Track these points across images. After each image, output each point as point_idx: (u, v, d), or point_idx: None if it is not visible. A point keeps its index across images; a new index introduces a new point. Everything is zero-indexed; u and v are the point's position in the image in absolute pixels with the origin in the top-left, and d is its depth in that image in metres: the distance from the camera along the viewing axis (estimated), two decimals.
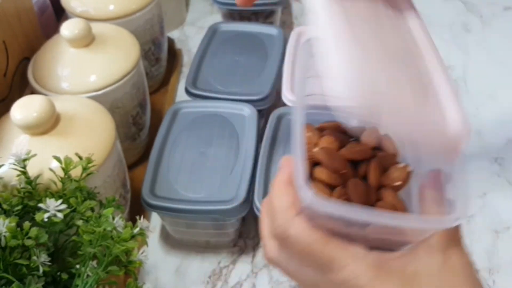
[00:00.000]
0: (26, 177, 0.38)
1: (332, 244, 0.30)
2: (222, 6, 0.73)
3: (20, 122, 0.40)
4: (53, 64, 0.51)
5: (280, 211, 0.31)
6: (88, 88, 0.50)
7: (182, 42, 0.81)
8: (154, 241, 0.55)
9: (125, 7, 0.59)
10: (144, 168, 0.51)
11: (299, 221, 0.30)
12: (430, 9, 0.83)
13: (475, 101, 0.68)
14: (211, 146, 0.52)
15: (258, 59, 0.63)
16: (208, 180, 0.49)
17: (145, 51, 0.65)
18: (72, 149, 0.40)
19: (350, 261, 0.29)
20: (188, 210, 0.47)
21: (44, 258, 0.33)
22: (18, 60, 0.54)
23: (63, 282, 0.36)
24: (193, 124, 0.54)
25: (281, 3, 0.72)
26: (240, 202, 0.46)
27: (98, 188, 0.43)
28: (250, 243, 0.54)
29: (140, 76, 0.55)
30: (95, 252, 0.34)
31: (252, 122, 0.53)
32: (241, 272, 0.52)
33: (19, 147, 0.41)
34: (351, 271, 0.29)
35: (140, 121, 0.58)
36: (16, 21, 0.54)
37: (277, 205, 0.31)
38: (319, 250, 0.30)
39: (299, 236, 0.30)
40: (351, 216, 0.27)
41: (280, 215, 0.31)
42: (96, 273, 0.34)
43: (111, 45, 0.53)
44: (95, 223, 0.35)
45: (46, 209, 0.34)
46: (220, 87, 0.59)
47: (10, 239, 0.32)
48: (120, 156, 0.48)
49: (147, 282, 0.51)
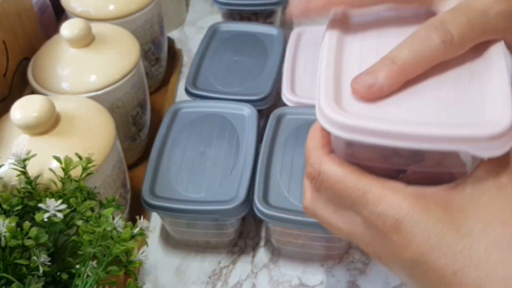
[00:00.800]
0: (26, 177, 0.38)
1: (367, 178, 0.28)
2: (222, 6, 0.73)
3: (20, 122, 0.40)
4: (53, 64, 0.51)
5: (313, 151, 0.30)
6: (88, 88, 0.50)
7: (182, 42, 0.81)
8: (154, 241, 0.55)
9: (125, 7, 0.59)
10: (144, 168, 0.51)
11: (332, 157, 0.30)
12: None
13: None
14: (211, 146, 0.52)
15: (258, 59, 0.63)
16: (208, 180, 0.49)
17: (145, 51, 0.65)
18: (72, 149, 0.40)
19: (387, 192, 0.28)
20: (188, 210, 0.47)
21: (44, 258, 0.33)
22: (18, 60, 0.54)
23: (63, 282, 0.36)
24: (193, 124, 0.54)
25: (281, 3, 0.72)
26: (240, 202, 0.46)
27: (98, 188, 0.43)
28: (250, 243, 0.54)
29: (140, 76, 0.55)
30: (95, 252, 0.34)
31: (252, 122, 0.53)
32: (241, 272, 0.52)
33: (19, 147, 0.41)
34: (389, 203, 0.27)
35: (140, 121, 0.58)
36: (16, 21, 0.54)
37: (310, 147, 0.31)
38: (353, 184, 0.28)
39: (332, 171, 0.29)
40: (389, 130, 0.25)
41: (313, 154, 0.30)
42: (96, 273, 0.34)
43: (111, 45, 0.53)
44: (95, 223, 0.35)
45: (46, 209, 0.34)
46: (220, 87, 0.59)
47: (10, 239, 0.32)
48: (120, 156, 0.48)
49: (147, 282, 0.51)
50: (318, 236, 0.47)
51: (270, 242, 0.53)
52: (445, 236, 0.27)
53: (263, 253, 0.53)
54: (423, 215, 0.27)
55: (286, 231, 0.48)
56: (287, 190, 0.47)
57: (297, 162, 0.49)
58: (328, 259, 0.52)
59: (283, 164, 0.49)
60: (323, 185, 0.30)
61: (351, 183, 0.29)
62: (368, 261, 0.52)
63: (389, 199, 0.27)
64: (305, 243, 0.49)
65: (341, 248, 0.51)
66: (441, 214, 0.27)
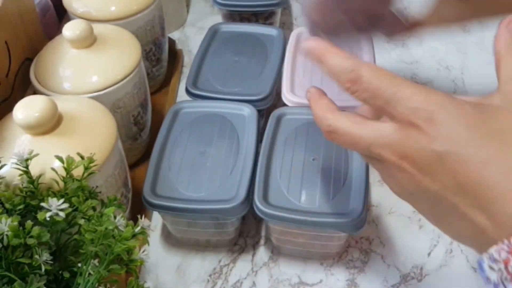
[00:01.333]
0: (28, 176, 0.38)
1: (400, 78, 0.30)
2: (222, 7, 0.73)
3: (22, 122, 0.41)
4: (55, 64, 0.51)
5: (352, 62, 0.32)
6: (90, 88, 0.50)
7: (182, 42, 0.81)
8: (155, 240, 0.55)
9: (126, 8, 0.60)
10: (145, 167, 0.51)
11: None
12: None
13: None
14: (212, 146, 0.52)
15: (258, 60, 0.63)
16: (208, 179, 0.49)
17: (146, 51, 0.65)
18: (74, 149, 0.41)
19: (421, 89, 0.29)
20: (189, 209, 0.47)
21: (46, 257, 0.34)
22: (20, 61, 0.55)
23: (65, 281, 0.36)
24: (193, 124, 0.54)
25: (281, 4, 0.73)
26: (240, 201, 0.46)
27: (99, 188, 0.43)
28: (250, 242, 0.55)
29: (141, 77, 0.56)
30: (97, 250, 0.34)
31: (252, 122, 0.54)
32: (241, 271, 0.52)
33: (21, 147, 0.41)
34: (423, 97, 0.29)
35: (141, 121, 0.58)
36: (18, 22, 0.54)
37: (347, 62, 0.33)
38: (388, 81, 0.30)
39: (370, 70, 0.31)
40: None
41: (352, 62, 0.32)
42: (97, 272, 0.34)
43: (112, 45, 0.53)
44: (96, 222, 0.35)
45: (48, 208, 0.35)
46: (221, 87, 0.60)
47: (12, 238, 0.33)
48: (122, 156, 0.48)
49: (148, 281, 0.52)
50: (318, 235, 0.48)
51: (270, 241, 0.53)
52: (475, 129, 0.27)
53: (263, 251, 0.54)
54: (454, 109, 0.28)
55: (286, 230, 0.48)
56: (287, 189, 0.48)
57: (297, 161, 0.50)
58: (328, 257, 0.53)
59: (283, 163, 0.50)
60: (362, 85, 0.31)
61: (386, 80, 0.30)
62: (367, 260, 0.52)
63: (422, 94, 0.29)
64: (305, 242, 0.50)
65: (340, 246, 0.51)
66: (472, 110, 0.28)
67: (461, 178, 0.27)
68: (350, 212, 0.45)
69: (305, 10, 0.42)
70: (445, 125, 0.28)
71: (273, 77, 0.60)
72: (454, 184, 0.28)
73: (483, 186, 0.26)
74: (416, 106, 0.29)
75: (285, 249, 0.53)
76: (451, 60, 0.75)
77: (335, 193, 0.47)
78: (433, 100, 0.29)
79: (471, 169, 0.27)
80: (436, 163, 0.28)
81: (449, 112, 0.28)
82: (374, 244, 0.54)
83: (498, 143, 0.27)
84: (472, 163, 0.27)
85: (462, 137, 0.27)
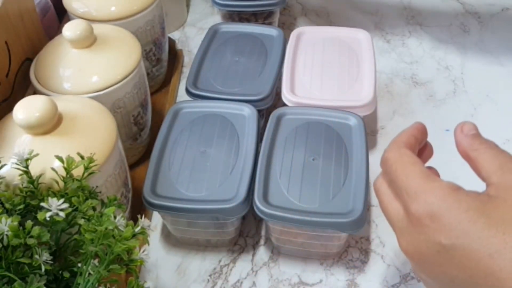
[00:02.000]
0: (28, 176, 0.38)
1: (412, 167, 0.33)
2: (221, 7, 0.73)
3: (23, 122, 0.41)
4: (55, 64, 0.51)
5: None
6: (90, 88, 0.50)
7: (183, 42, 0.81)
8: (155, 240, 0.55)
9: (127, 8, 0.60)
10: (145, 167, 0.51)
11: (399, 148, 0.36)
12: (429, 10, 0.83)
13: (473, 101, 0.69)
14: (212, 146, 0.52)
15: (258, 60, 0.63)
16: (208, 179, 0.49)
17: (146, 51, 0.65)
18: (74, 149, 0.41)
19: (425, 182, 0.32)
20: (189, 209, 0.47)
21: (46, 257, 0.34)
22: (20, 61, 0.55)
23: (65, 281, 0.36)
24: (193, 124, 0.54)
25: (280, 4, 0.73)
26: (240, 201, 0.46)
27: (99, 187, 0.43)
28: (250, 241, 0.55)
29: (142, 77, 0.56)
30: (97, 250, 0.34)
31: (252, 122, 0.54)
32: (241, 271, 0.52)
33: (21, 147, 0.41)
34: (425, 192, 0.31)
35: (141, 121, 0.58)
36: (18, 22, 0.54)
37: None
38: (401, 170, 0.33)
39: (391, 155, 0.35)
40: None
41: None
42: (97, 272, 0.34)
43: (112, 46, 0.53)
44: (96, 222, 0.35)
45: (48, 208, 0.35)
46: (221, 87, 0.60)
47: (12, 238, 0.33)
48: (122, 156, 0.48)
49: (148, 281, 0.52)
50: (318, 235, 0.48)
51: (270, 241, 0.53)
52: (476, 222, 0.29)
53: (263, 251, 0.54)
54: (454, 203, 0.30)
55: (286, 229, 0.48)
56: (286, 189, 0.48)
57: (296, 161, 0.50)
58: (328, 257, 0.53)
59: (283, 163, 0.50)
60: (385, 168, 0.35)
61: (400, 168, 0.34)
62: (367, 260, 0.52)
63: (425, 188, 0.31)
64: (305, 242, 0.50)
65: (340, 246, 0.51)
66: (472, 203, 0.29)
67: (472, 271, 0.29)
68: (350, 212, 0.45)
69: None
70: (446, 219, 0.30)
71: (273, 77, 0.60)
72: (464, 277, 0.29)
73: (495, 278, 0.28)
74: (418, 200, 0.31)
75: (285, 249, 0.53)
76: (451, 60, 0.75)
77: (335, 193, 0.47)
78: (433, 196, 0.31)
79: (480, 262, 0.28)
80: (444, 255, 0.30)
81: (448, 207, 0.30)
82: (374, 244, 0.54)
83: (501, 234, 0.28)
84: (479, 255, 0.28)
85: (464, 231, 0.29)
